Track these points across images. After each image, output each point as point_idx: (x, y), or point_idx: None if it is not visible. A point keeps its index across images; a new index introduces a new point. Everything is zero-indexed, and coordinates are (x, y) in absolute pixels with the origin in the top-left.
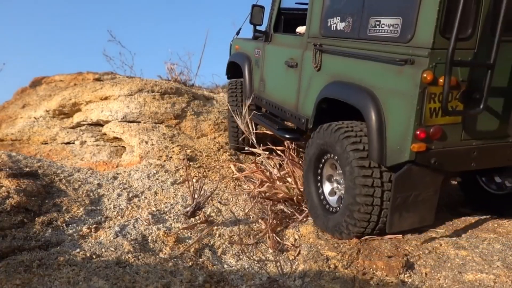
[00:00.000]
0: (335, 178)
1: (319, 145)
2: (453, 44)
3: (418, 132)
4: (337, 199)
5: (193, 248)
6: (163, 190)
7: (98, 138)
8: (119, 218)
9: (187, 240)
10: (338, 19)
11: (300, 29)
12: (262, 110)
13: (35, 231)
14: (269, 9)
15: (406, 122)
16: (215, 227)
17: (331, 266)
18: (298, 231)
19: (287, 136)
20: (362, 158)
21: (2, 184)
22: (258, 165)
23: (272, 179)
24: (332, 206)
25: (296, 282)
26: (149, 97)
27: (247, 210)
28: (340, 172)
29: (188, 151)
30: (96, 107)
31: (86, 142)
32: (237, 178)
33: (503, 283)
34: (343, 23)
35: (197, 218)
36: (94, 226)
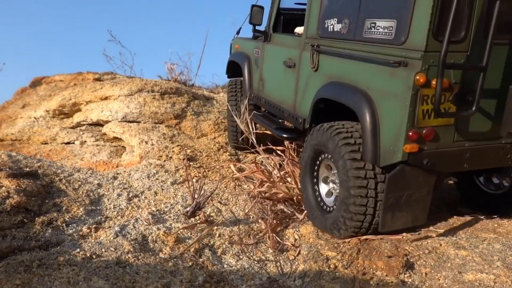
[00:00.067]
0: (331, 179)
1: (313, 146)
2: (445, 47)
3: (411, 133)
4: (333, 199)
5: (193, 248)
6: (163, 190)
7: (98, 138)
8: (119, 218)
9: (187, 240)
10: (335, 21)
11: (299, 29)
12: (262, 109)
13: (35, 231)
14: (268, 9)
15: (399, 123)
16: (215, 227)
17: (331, 266)
18: (298, 231)
19: (284, 135)
20: (353, 151)
21: (2, 184)
22: (258, 165)
23: (272, 179)
24: (329, 206)
25: (296, 282)
26: (149, 97)
27: (247, 210)
28: (335, 172)
29: (188, 151)
30: (96, 107)
31: (86, 142)
32: (237, 178)
33: (503, 283)
34: (340, 25)
35: (197, 218)
36: (94, 226)
